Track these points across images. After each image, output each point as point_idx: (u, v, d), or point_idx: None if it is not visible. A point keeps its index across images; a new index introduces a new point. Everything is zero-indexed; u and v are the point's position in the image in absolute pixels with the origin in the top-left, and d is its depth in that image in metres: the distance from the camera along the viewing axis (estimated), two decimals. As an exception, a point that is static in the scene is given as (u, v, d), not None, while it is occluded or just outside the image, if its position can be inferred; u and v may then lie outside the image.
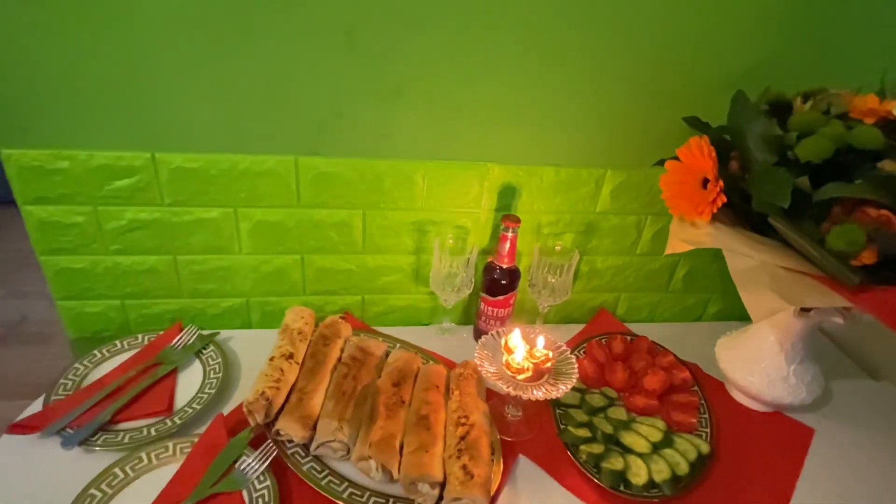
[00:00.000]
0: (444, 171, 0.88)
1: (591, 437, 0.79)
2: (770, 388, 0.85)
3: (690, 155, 0.74)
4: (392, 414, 0.76)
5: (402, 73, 0.79)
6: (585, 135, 0.89)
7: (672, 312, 1.13)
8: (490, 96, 0.83)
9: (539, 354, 0.78)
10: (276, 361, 0.80)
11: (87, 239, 0.84)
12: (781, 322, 0.84)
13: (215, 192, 0.83)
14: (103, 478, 0.67)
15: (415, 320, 1.04)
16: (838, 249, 0.59)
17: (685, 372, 0.92)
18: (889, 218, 0.59)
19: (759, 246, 0.67)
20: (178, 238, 0.87)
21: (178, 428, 0.75)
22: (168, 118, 0.77)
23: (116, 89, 0.74)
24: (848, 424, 0.90)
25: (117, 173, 0.80)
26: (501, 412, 0.84)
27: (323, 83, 0.78)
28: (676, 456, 0.77)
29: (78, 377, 0.82)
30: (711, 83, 0.86)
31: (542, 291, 0.95)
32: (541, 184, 0.92)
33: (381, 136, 0.83)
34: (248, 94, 0.77)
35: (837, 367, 1.03)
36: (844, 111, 0.67)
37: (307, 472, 0.70)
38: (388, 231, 0.92)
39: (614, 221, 0.98)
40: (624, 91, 0.86)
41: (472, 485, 0.66)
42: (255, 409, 0.73)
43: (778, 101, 0.75)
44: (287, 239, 0.90)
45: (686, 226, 0.76)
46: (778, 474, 0.80)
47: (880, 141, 0.61)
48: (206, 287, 0.92)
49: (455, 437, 0.73)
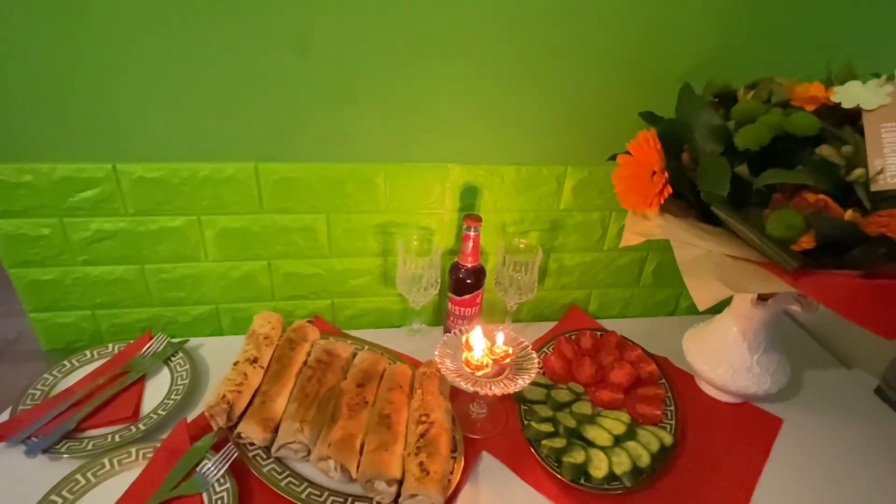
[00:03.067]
0: (405, 173, 0.89)
1: (553, 431, 0.79)
2: (734, 379, 0.85)
3: (639, 148, 0.75)
4: (354, 414, 0.76)
5: (356, 77, 0.80)
6: (544, 133, 0.90)
7: (644, 307, 1.13)
8: (447, 98, 0.84)
9: (499, 351, 0.78)
10: (239, 366, 0.81)
11: (55, 251, 0.85)
12: (742, 312, 0.84)
13: (178, 200, 0.85)
14: (65, 484, 0.68)
15: (386, 322, 1.04)
16: (778, 235, 0.60)
17: (652, 365, 0.93)
18: (826, 202, 0.60)
19: (706, 235, 0.68)
20: (144, 247, 0.88)
21: (142, 434, 0.76)
22: (127, 129, 0.79)
23: (75, 101, 0.75)
24: (817, 413, 0.90)
25: (80, 185, 0.81)
26: (467, 410, 0.85)
27: (278, 89, 0.79)
28: (639, 448, 0.77)
29: (47, 387, 0.83)
30: (666, 77, 0.87)
31: (509, 289, 0.95)
32: (502, 183, 0.93)
33: (339, 140, 0.84)
34: (204, 101, 0.78)
35: (810, 356, 1.03)
36: (786, 99, 0.68)
37: (267, 473, 0.71)
38: (354, 234, 0.93)
39: (579, 218, 0.99)
40: (580, 88, 0.87)
41: (427, 481, 0.66)
42: (216, 412, 0.74)
43: (725, 93, 0.76)
44: (253, 245, 0.91)
45: (638, 218, 0.76)
46: (743, 464, 0.80)
47: (815, 127, 0.61)
48: (176, 295, 0.94)
49: (415, 435, 0.74)
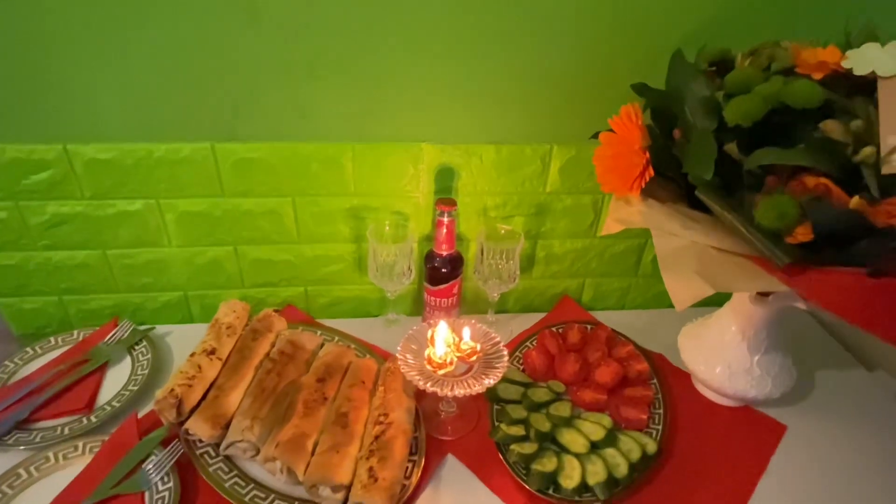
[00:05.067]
0: (373, 153, 0.82)
1: (524, 435, 0.73)
2: (732, 381, 0.77)
3: (622, 125, 0.66)
4: (310, 412, 0.72)
5: (313, 49, 0.73)
6: (526, 109, 0.82)
7: (644, 298, 1.05)
8: (416, 71, 0.77)
9: (465, 347, 0.72)
10: (195, 358, 0.77)
11: (14, 235, 0.83)
12: (742, 309, 0.76)
13: (134, 183, 0.80)
14: (6, 478, 0.66)
15: (363, 312, 0.99)
16: (768, 225, 0.51)
17: (643, 363, 0.85)
18: (828, 187, 0.51)
19: (692, 224, 0.60)
20: (104, 232, 0.84)
21: (94, 426, 0.73)
22: (76, 108, 0.74)
23: (20, 79, 0.72)
24: (828, 420, 0.81)
25: (32, 167, 0.77)
26: (436, 409, 0.79)
27: (229, 62, 0.73)
28: (618, 456, 0.70)
29: (6, 374, 0.81)
30: (662, 45, 0.77)
31: (490, 279, 0.89)
32: (481, 164, 0.85)
33: (298, 117, 0.78)
34: (153, 77, 0.73)
35: (827, 355, 0.93)
36: (789, 66, 0.58)
37: (212, 473, 0.67)
38: (322, 219, 0.87)
39: (568, 202, 0.91)
40: (566, 57, 0.78)
41: (374, 489, 0.62)
42: (164, 407, 0.70)
43: (722, 60, 0.66)
44: (216, 230, 0.86)
45: (622, 203, 0.68)
46: (737, 474, 0.73)
47: (818, 97, 0.52)
48: (141, 281, 0.90)
49: (370, 437, 0.69)
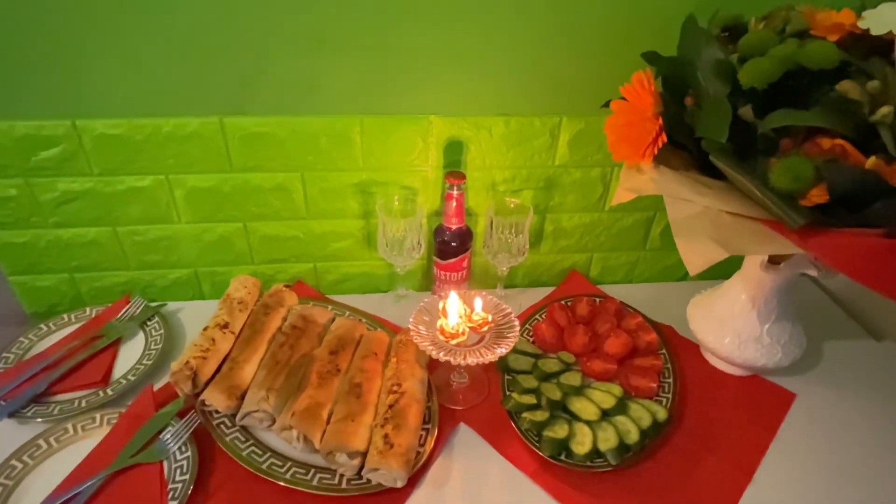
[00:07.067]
0: (382, 127, 0.82)
1: (535, 404, 0.73)
2: (741, 350, 0.77)
3: (634, 92, 0.66)
4: (324, 383, 0.72)
5: (321, 20, 0.73)
6: (534, 80, 0.81)
7: (652, 272, 1.05)
8: (423, 42, 0.76)
9: (477, 318, 0.73)
10: (208, 331, 0.78)
11: (25, 212, 0.83)
12: (753, 277, 0.76)
13: (143, 159, 0.80)
14: (26, 449, 0.67)
15: (373, 287, 1.00)
16: (783, 187, 0.51)
17: (652, 334, 0.85)
18: (844, 148, 0.51)
19: (705, 190, 0.59)
20: (114, 209, 0.84)
21: (110, 399, 0.74)
22: (85, 83, 0.74)
23: (28, 55, 0.71)
24: (837, 388, 0.82)
25: (41, 143, 0.77)
26: (448, 379, 0.80)
27: (238, 35, 0.73)
28: (629, 423, 0.71)
29: (21, 350, 0.82)
30: (673, 14, 0.76)
31: (499, 253, 0.89)
32: (490, 137, 0.85)
33: (307, 91, 0.78)
34: (160, 49, 0.73)
35: (835, 325, 0.94)
36: (804, 28, 0.58)
37: (229, 442, 0.68)
38: (331, 194, 0.87)
39: (577, 175, 0.91)
40: (575, 27, 0.78)
41: (390, 455, 0.62)
42: (179, 379, 0.71)
43: (735, 25, 0.65)
44: (225, 206, 0.86)
45: (632, 172, 0.68)
46: (745, 442, 0.73)
47: (835, 58, 0.51)
48: (152, 258, 0.91)
49: (384, 406, 0.70)
